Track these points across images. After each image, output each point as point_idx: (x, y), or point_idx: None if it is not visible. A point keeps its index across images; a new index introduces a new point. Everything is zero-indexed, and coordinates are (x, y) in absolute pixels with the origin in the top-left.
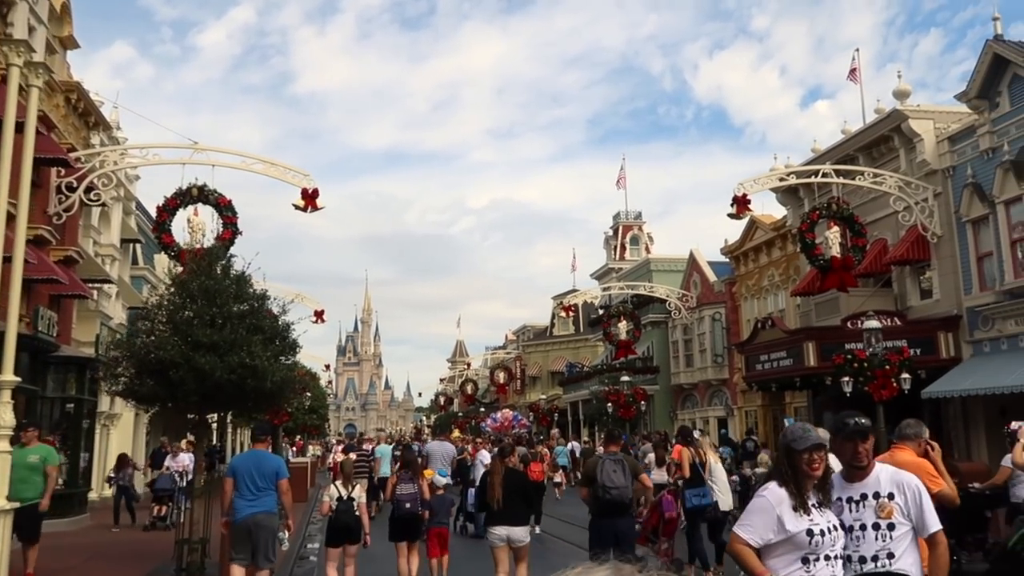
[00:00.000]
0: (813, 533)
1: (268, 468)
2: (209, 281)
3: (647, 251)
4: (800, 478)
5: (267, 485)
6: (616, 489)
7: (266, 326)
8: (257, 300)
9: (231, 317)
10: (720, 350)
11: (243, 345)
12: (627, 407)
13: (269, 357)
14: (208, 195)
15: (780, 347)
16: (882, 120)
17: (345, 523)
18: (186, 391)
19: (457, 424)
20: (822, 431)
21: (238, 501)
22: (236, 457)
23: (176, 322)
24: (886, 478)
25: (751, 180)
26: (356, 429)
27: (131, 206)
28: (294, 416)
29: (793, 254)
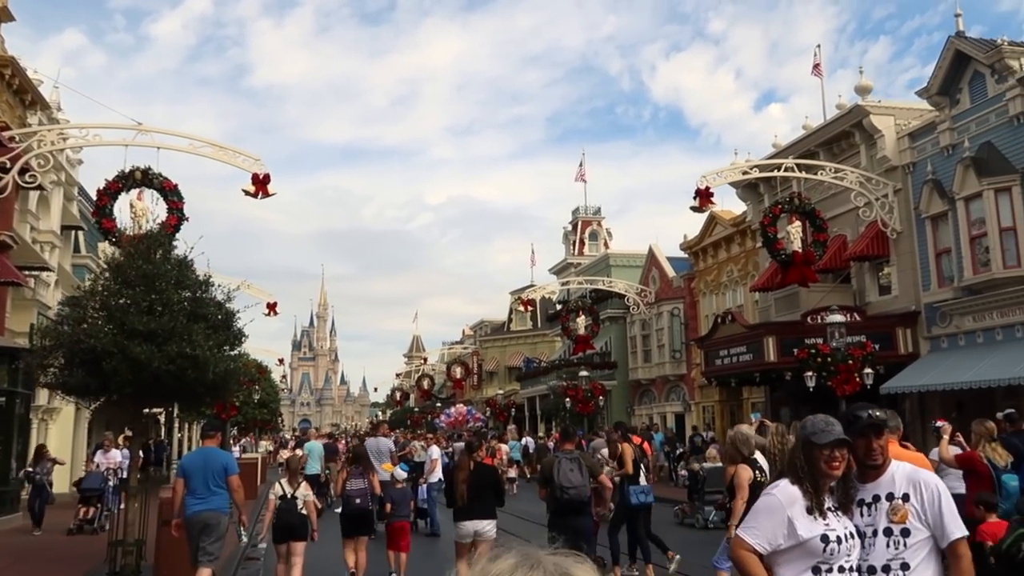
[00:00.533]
0: (828, 539)
1: (217, 465)
2: (147, 266)
3: (606, 246)
4: (817, 476)
5: (218, 483)
6: (573, 488)
7: (209, 314)
8: (200, 287)
9: (170, 304)
10: (678, 345)
11: (183, 334)
12: (585, 402)
13: (211, 347)
14: (152, 179)
15: (740, 342)
16: (843, 116)
17: (287, 522)
18: (120, 382)
19: (413, 419)
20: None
21: (188, 499)
22: (186, 456)
23: (110, 309)
24: (902, 477)
25: (714, 173)
26: (311, 424)
27: (73, 192)
28: (242, 410)
29: (752, 250)
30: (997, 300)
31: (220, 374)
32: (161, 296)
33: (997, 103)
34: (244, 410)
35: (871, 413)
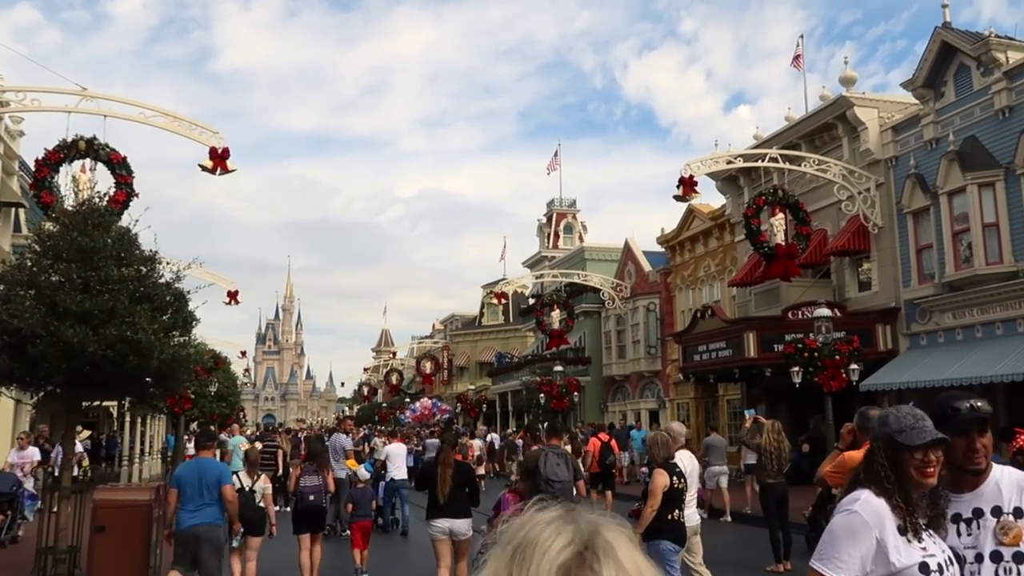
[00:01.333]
0: (929, 568)
1: (211, 476)
2: (84, 239)
3: (581, 240)
4: (908, 487)
5: (211, 495)
6: (559, 483)
7: (155, 295)
8: (145, 264)
9: (110, 282)
10: (654, 341)
11: (124, 316)
12: (560, 398)
13: (157, 330)
14: (98, 149)
15: (719, 337)
16: (827, 107)
17: (244, 516)
18: (49, 369)
19: (380, 415)
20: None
21: (181, 511)
22: (180, 466)
23: (39, 286)
24: (1010, 485)
25: (698, 161)
26: (275, 419)
27: (13, 165)
28: (198, 403)
29: (731, 244)
30: (978, 297)
31: (166, 361)
32: (99, 273)
33: (982, 96)
34: (200, 404)
35: (974, 404)
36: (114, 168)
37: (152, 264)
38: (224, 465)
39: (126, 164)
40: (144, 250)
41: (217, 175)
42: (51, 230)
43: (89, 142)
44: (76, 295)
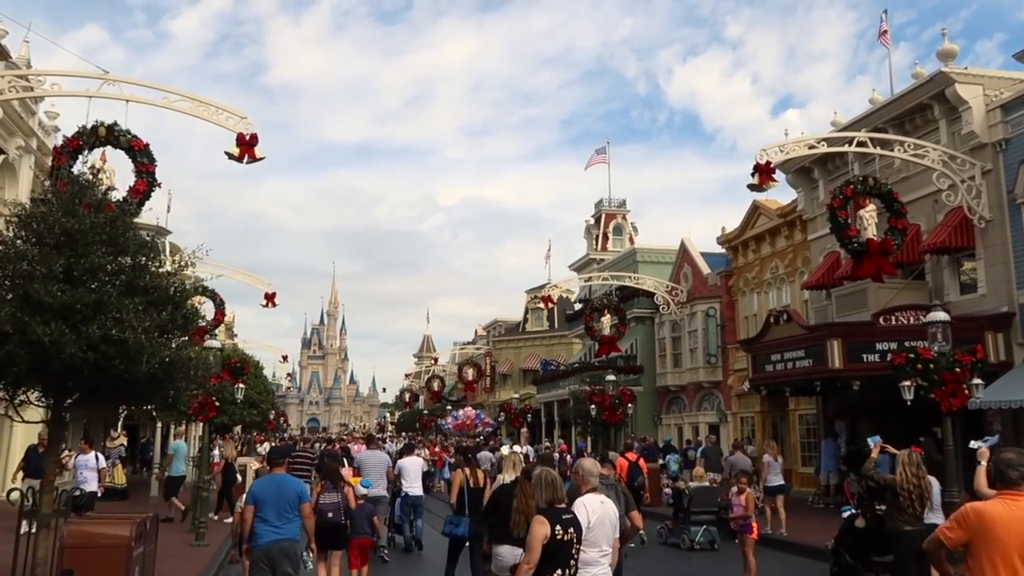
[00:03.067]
0: None
1: (291, 493)
2: (69, 220)
3: (631, 241)
4: None
5: (291, 511)
6: None
7: (152, 287)
8: (143, 250)
9: (96, 270)
10: (714, 349)
11: (112, 311)
12: (612, 410)
13: (149, 329)
14: (119, 136)
15: (797, 345)
16: (923, 85)
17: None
18: (18, 374)
19: (422, 422)
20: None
21: (261, 526)
22: (256, 483)
23: (12, 274)
24: None
25: (775, 146)
26: (319, 424)
27: (46, 162)
28: (225, 410)
29: (802, 243)
30: None
31: (164, 366)
32: (85, 260)
33: None
34: (228, 410)
35: None
36: (135, 156)
37: (151, 252)
38: (302, 482)
39: (148, 152)
40: (144, 234)
41: (244, 163)
42: (32, 210)
43: (109, 128)
44: (54, 285)
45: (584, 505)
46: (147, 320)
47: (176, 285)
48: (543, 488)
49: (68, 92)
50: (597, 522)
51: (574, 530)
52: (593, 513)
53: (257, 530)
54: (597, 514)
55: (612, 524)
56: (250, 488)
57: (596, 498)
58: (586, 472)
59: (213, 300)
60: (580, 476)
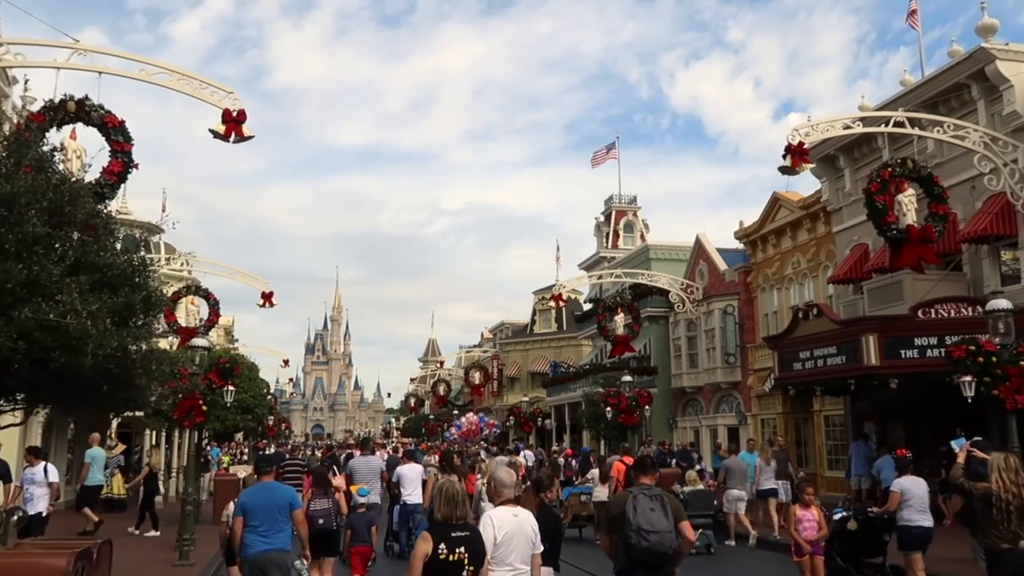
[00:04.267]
0: None
1: (281, 500)
2: (2, 184)
3: (643, 239)
4: None
5: (282, 518)
6: (656, 534)
7: (104, 264)
8: (94, 220)
9: (31, 243)
10: (732, 348)
11: (51, 292)
12: (629, 412)
13: (97, 313)
14: (90, 111)
15: (828, 341)
16: (960, 63)
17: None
18: None
19: (428, 427)
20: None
21: (251, 536)
22: (245, 492)
23: None
24: None
25: (808, 125)
26: (323, 430)
27: None
28: (218, 415)
29: (826, 236)
30: None
31: (114, 359)
32: (19, 230)
33: None
34: (219, 416)
35: None
36: (109, 133)
37: (106, 224)
38: (292, 489)
39: (124, 129)
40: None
41: (231, 142)
42: None
43: (80, 102)
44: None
45: (491, 519)
46: (94, 303)
47: (136, 263)
48: (441, 501)
49: (34, 63)
50: (506, 538)
51: (465, 550)
52: (501, 528)
53: (247, 540)
54: (507, 529)
55: (528, 539)
56: (239, 498)
57: (508, 511)
58: (499, 482)
59: (207, 300)
60: (493, 487)
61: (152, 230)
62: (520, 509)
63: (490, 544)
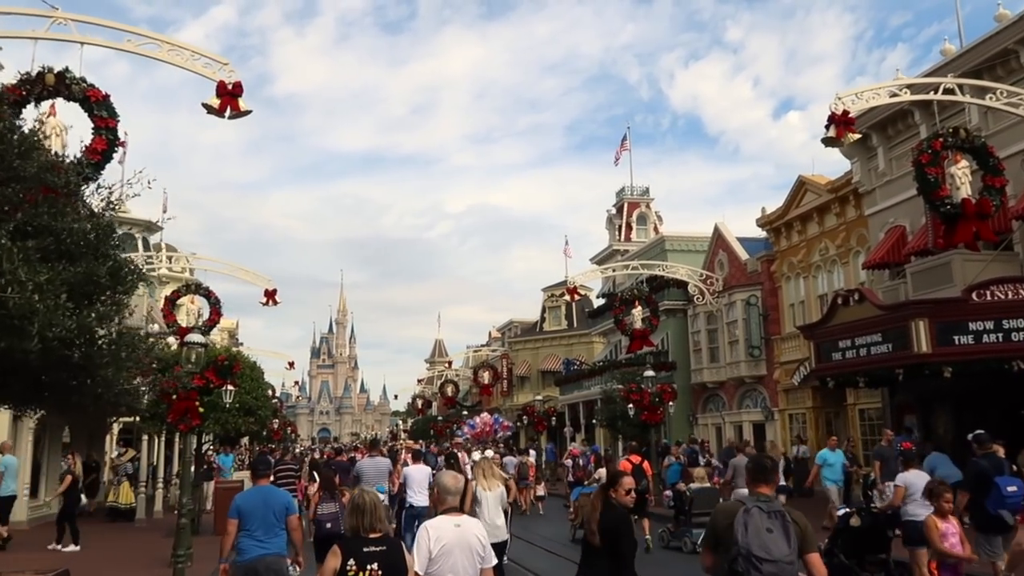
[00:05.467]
0: None
1: (277, 505)
2: None
3: (656, 231)
4: None
5: (278, 523)
6: (771, 564)
7: (59, 229)
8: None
9: None
10: (757, 341)
11: None
12: (652, 409)
13: (47, 285)
14: (71, 84)
15: (872, 328)
16: (1008, 27)
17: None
18: None
19: (436, 429)
20: None
21: (246, 541)
22: (240, 495)
23: None
24: None
25: (851, 93)
26: (330, 433)
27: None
28: (217, 418)
29: (858, 220)
30: None
31: (73, 343)
32: None
33: None
34: (220, 418)
35: None
36: (91, 109)
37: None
38: (288, 494)
39: (108, 104)
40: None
41: (227, 118)
42: None
43: (59, 75)
44: None
45: (427, 530)
46: (43, 273)
47: (103, 225)
48: (351, 513)
49: (6, 34)
50: (444, 551)
51: (379, 567)
52: (439, 541)
53: (242, 545)
54: (445, 541)
55: (473, 552)
56: (234, 501)
57: (450, 520)
58: (442, 488)
59: (208, 299)
60: (436, 494)
61: (151, 228)
62: (465, 518)
63: (424, 559)
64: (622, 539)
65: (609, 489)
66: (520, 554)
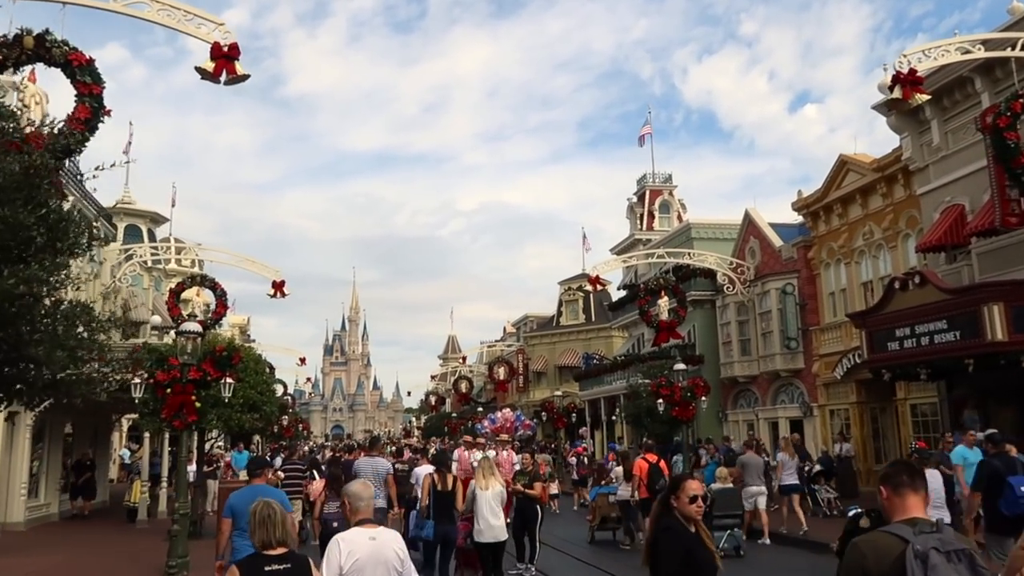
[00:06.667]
0: None
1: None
2: None
3: (679, 220)
4: None
5: None
6: None
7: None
8: None
9: None
10: (793, 332)
11: None
12: (684, 404)
13: None
14: (52, 48)
15: (936, 314)
16: None
17: None
18: None
19: (450, 426)
20: None
21: (239, 541)
22: (235, 494)
23: None
24: None
25: (918, 50)
26: (343, 430)
27: None
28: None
29: (906, 200)
30: None
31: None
32: None
33: None
34: (224, 414)
35: None
36: (74, 74)
37: None
38: (283, 493)
39: (92, 69)
40: None
41: (222, 83)
42: None
43: (39, 37)
44: None
45: (338, 543)
46: None
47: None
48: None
49: None
50: (356, 567)
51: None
52: (352, 555)
53: (236, 545)
54: (358, 556)
55: (390, 567)
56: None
57: (364, 533)
58: (353, 497)
59: (214, 291)
60: (347, 503)
61: (156, 220)
62: (381, 530)
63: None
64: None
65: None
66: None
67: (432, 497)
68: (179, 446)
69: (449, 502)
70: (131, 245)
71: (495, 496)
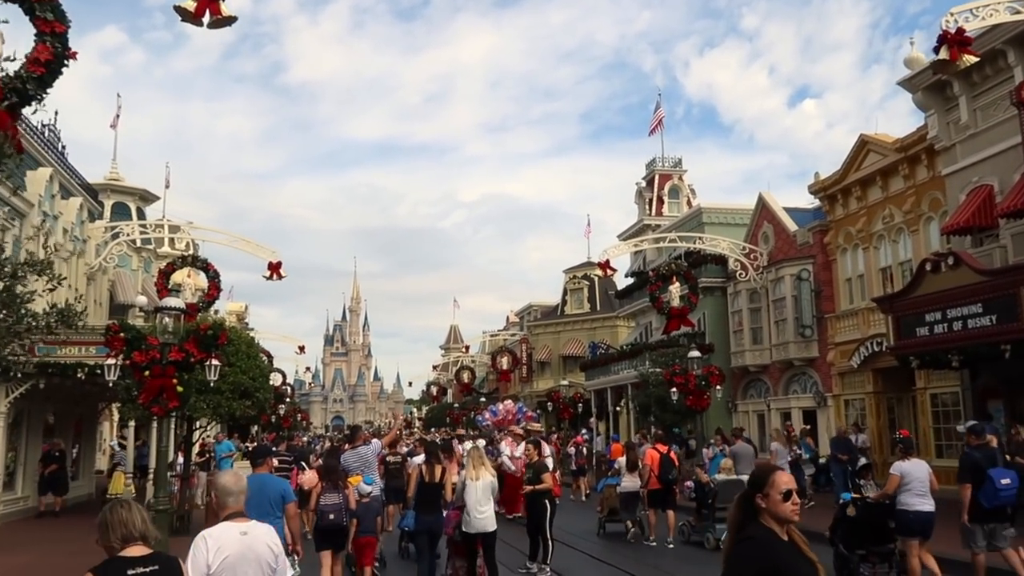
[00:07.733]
0: None
1: (273, 493)
2: None
3: (688, 205)
4: None
5: (274, 511)
6: None
7: None
8: None
9: None
10: (808, 320)
11: None
12: (699, 394)
13: None
14: None
15: (970, 298)
16: None
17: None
18: None
19: (453, 416)
20: None
21: None
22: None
23: None
24: None
25: (966, 8)
26: (344, 421)
27: None
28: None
29: (931, 181)
30: None
31: None
32: None
33: None
34: (213, 401)
35: None
36: (33, 10)
37: None
38: (285, 482)
39: (56, 5)
40: None
41: (205, 26)
42: None
43: None
44: None
45: (207, 540)
46: None
47: None
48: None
49: None
50: (226, 565)
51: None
52: (221, 552)
53: None
54: (228, 552)
55: (263, 564)
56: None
57: (234, 528)
58: (222, 490)
59: (206, 272)
60: (214, 497)
61: (146, 198)
62: (253, 524)
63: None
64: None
65: (753, 497)
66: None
67: (418, 488)
68: (159, 434)
69: (436, 493)
70: (118, 223)
71: (485, 487)
